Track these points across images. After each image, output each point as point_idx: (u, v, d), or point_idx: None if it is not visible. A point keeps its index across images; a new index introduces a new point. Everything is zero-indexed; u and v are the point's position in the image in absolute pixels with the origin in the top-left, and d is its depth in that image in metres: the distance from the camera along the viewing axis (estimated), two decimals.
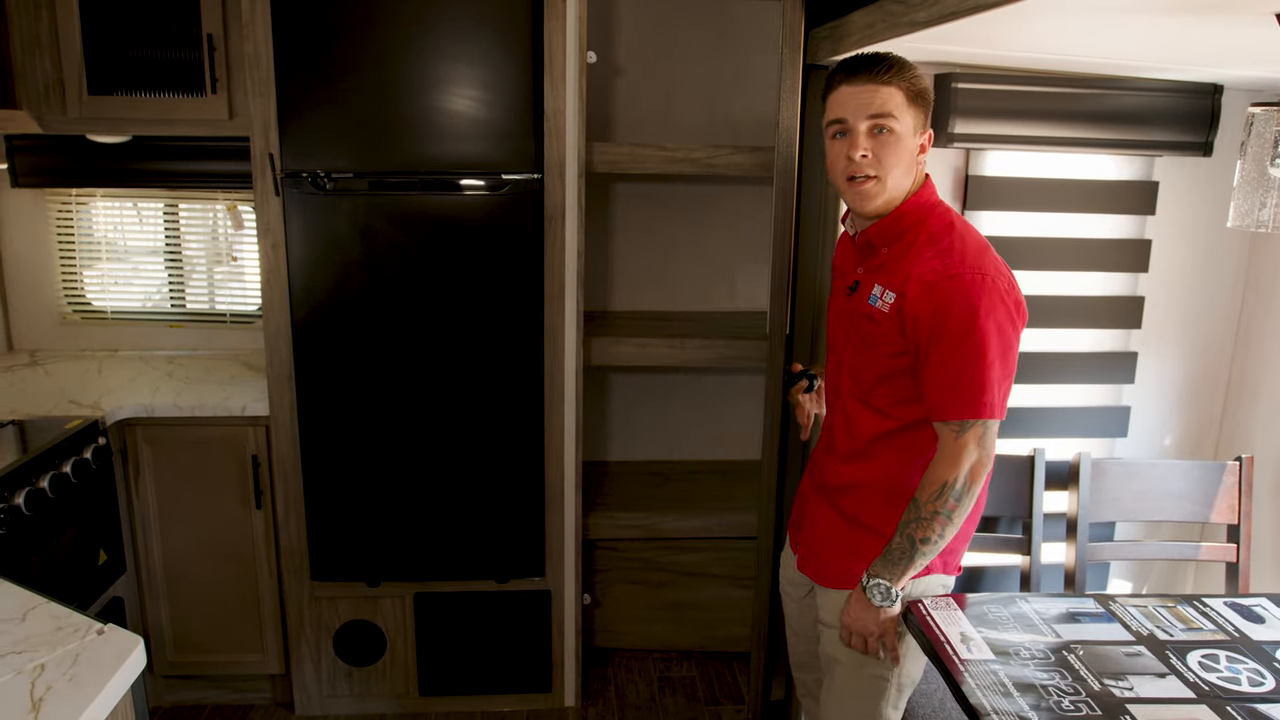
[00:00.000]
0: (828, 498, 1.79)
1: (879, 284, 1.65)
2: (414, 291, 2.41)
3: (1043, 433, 2.40)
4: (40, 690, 1.23)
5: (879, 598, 1.65)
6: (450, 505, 2.55)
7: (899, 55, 1.63)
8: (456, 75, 2.31)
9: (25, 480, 2.06)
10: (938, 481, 1.58)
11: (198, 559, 2.61)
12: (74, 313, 3.12)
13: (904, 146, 1.61)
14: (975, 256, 1.57)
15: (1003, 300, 1.55)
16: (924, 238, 1.62)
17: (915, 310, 1.57)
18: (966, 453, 1.56)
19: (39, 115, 2.51)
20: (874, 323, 1.65)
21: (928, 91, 1.63)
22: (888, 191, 1.63)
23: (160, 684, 2.74)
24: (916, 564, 1.62)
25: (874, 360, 1.66)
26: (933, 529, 1.58)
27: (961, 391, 1.54)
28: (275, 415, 2.49)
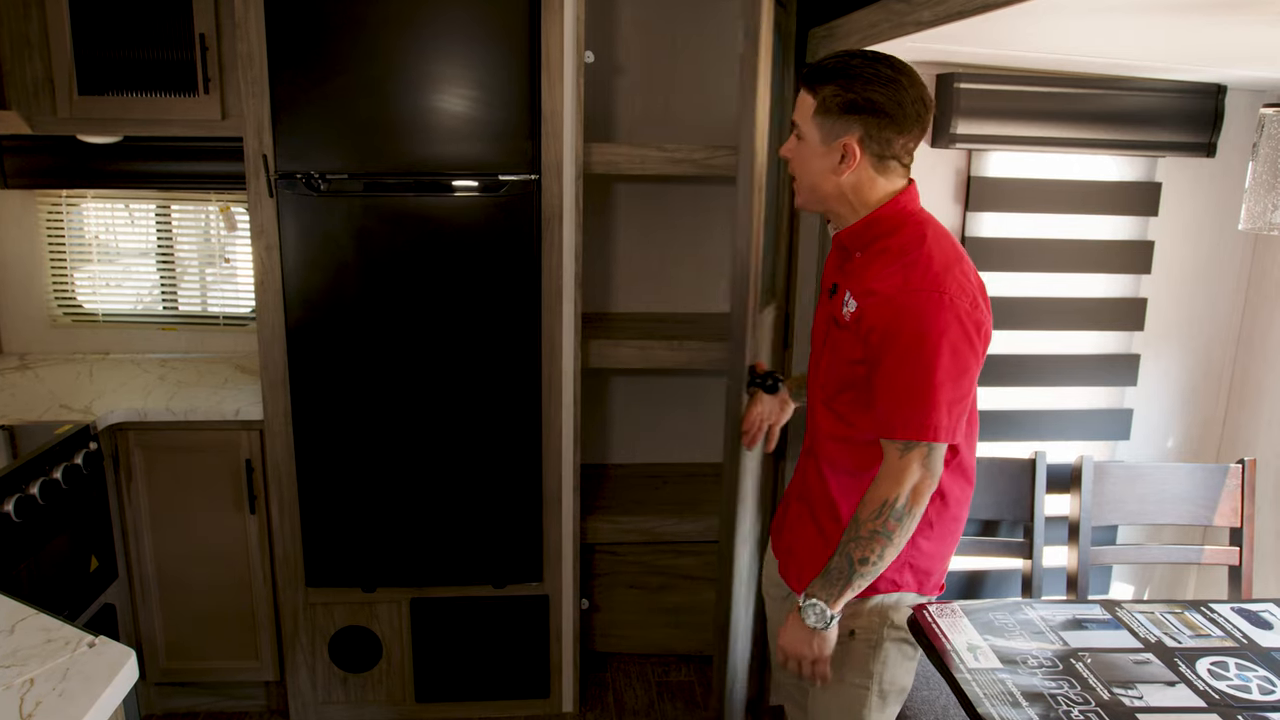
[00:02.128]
0: (806, 503, 1.76)
1: (849, 289, 1.61)
2: (410, 294, 2.38)
3: (1044, 435, 2.38)
4: (30, 706, 1.20)
5: (813, 619, 1.58)
6: (447, 509, 2.52)
7: (839, 63, 1.54)
8: (453, 75, 2.28)
9: (15, 487, 2.02)
10: (879, 500, 1.53)
11: (191, 565, 2.58)
12: (64, 315, 3.08)
13: (810, 154, 1.59)
14: (939, 273, 1.51)
15: (960, 321, 1.48)
16: (895, 248, 1.57)
17: (871, 322, 1.53)
18: (909, 473, 1.51)
19: (29, 115, 2.48)
20: (840, 328, 1.62)
21: (850, 103, 1.52)
22: (804, 195, 1.65)
23: (153, 691, 2.71)
24: (855, 585, 1.56)
25: (838, 366, 1.63)
26: (872, 549, 1.53)
27: (908, 411, 1.49)
28: (269, 419, 2.46)
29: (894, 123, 1.52)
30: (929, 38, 1.74)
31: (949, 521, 1.68)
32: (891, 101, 1.51)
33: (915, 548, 1.63)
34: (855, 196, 1.59)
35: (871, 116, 1.52)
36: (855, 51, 1.57)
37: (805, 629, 1.59)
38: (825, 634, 1.59)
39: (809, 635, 1.59)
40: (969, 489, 1.70)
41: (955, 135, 2.16)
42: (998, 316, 2.29)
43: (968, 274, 1.55)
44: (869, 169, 1.57)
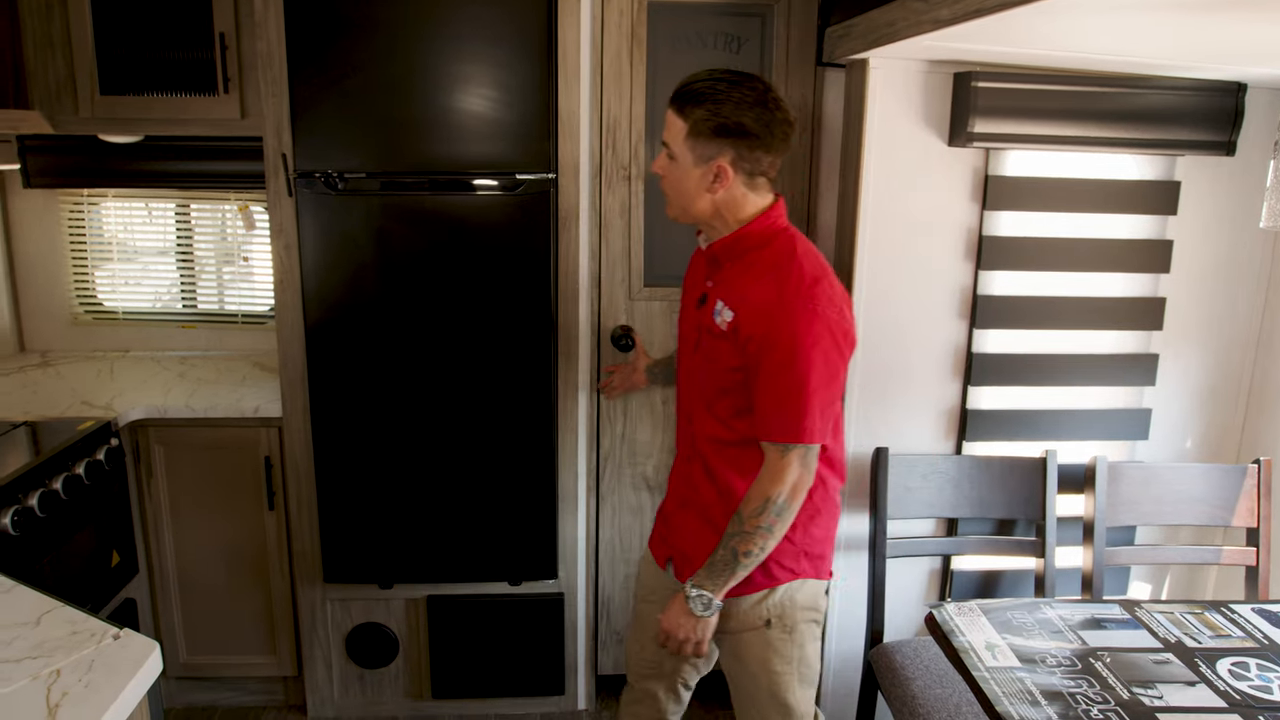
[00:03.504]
0: (695, 508, 1.82)
1: (721, 299, 1.70)
2: (427, 292, 2.39)
3: (1061, 435, 2.38)
4: (56, 696, 1.22)
5: (700, 608, 1.68)
6: (463, 507, 2.53)
7: (707, 87, 1.61)
8: (470, 75, 2.29)
9: (38, 482, 2.05)
10: (761, 497, 1.63)
11: (210, 561, 2.60)
12: (85, 313, 3.11)
13: (683, 174, 1.66)
14: (810, 285, 1.61)
15: (830, 331, 1.60)
16: (766, 261, 1.67)
17: (749, 331, 1.62)
18: (789, 471, 1.62)
19: (51, 115, 2.50)
20: (715, 337, 1.70)
21: (720, 126, 1.60)
22: (676, 211, 1.73)
23: (173, 685, 2.74)
24: (738, 575, 1.67)
25: (715, 373, 1.71)
26: (754, 542, 1.64)
27: (785, 415, 1.60)
28: (288, 417, 2.48)
29: (762, 143, 1.62)
30: (946, 36, 1.74)
31: (832, 507, 1.82)
32: (760, 124, 1.60)
33: (808, 535, 1.76)
34: (728, 212, 1.69)
35: (741, 139, 1.61)
36: (721, 73, 1.63)
37: (690, 615, 1.69)
38: (709, 619, 1.70)
39: (694, 621, 1.70)
40: (842, 475, 1.84)
41: (972, 134, 2.15)
42: (1014, 315, 2.31)
43: (834, 285, 1.66)
44: (740, 186, 1.66)
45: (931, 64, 2.19)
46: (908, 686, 2.08)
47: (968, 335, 2.35)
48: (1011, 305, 2.32)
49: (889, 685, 2.15)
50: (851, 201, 2.32)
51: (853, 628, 2.50)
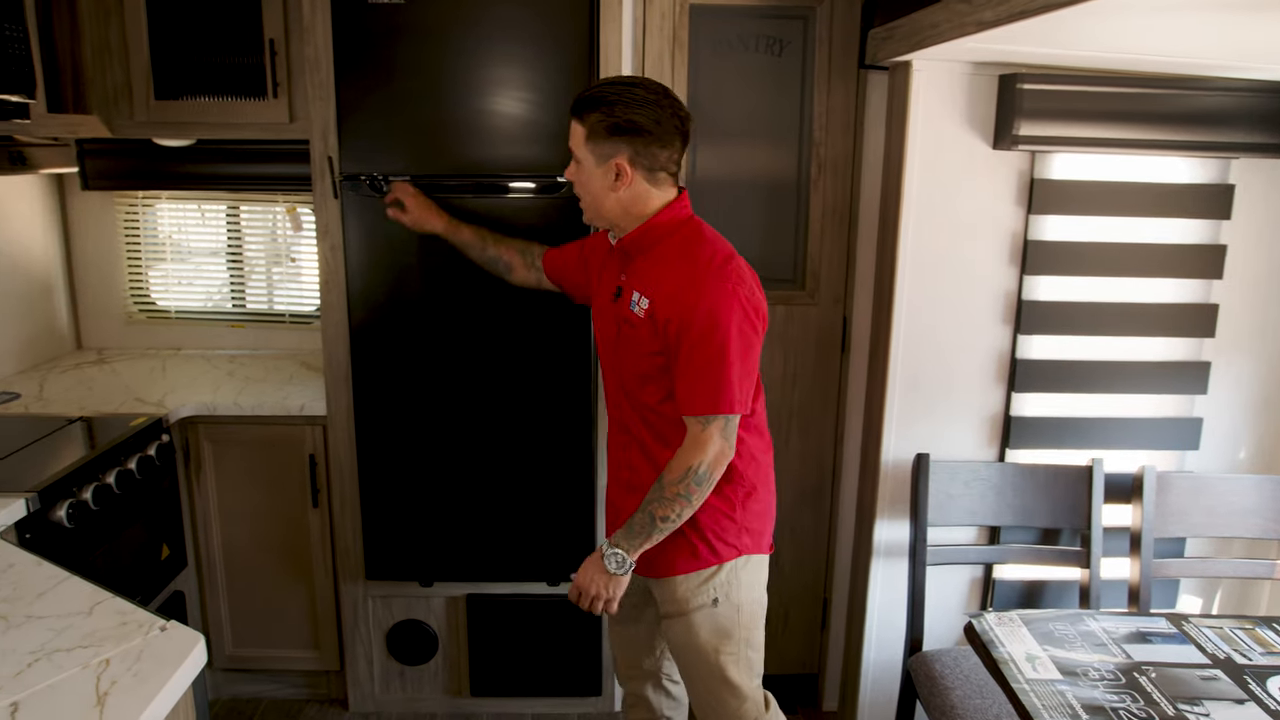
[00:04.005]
0: (639, 492, 1.86)
1: (636, 290, 1.77)
2: (469, 294, 2.42)
3: (1107, 444, 2.33)
4: (105, 685, 1.25)
5: (614, 565, 1.76)
6: (502, 507, 2.55)
7: (598, 93, 1.72)
8: (512, 78, 2.31)
9: (93, 476, 2.10)
10: (683, 466, 1.70)
11: (256, 555, 2.66)
12: (140, 312, 3.20)
13: (588, 176, 1.77)
14: (721, 265, 1.71)
15: (743, 306, 1.68)
16: (675, 250, 1.76)
17: (666, 314, 1.69)
18: (711, 443, 1.70)
19: (108, 120, 2.58)
20: (633, 326, 1.77)
21: (623, 124, 1.70)
22: (590, 212, 1.82)
23: (219, 677, 2.80)
24: (653, 539, 1.75)
25: (635, 361, 1.79)
26: (672, 508, 1.72)
27: (707, 389, 1.68)
28: (332, 415, 2.52)
29: (656, 139, 1.71)
30: (990, 38, 1.72)
31: (767, 480, 1.88)
32: (650, 120, 1.70)
33: (747, 512, 1.83)
34: (634, 209, 1.77)
35: (636, 136, 1.71)
36: (612, 80, 1.76)
37: (604, 571, 1.77)
38: (621, 578, 1.78)
39: (606, 578, 1.78)
40: (770, 448, 1.91)
41: (1017, 137, 2.12)
42: (1060, 321, 2.28)
43: (742, 265, 1.75)
44: (642, 183, 1.75)
45: (976, 66, 2.16)
46: (947, 696, 2.06)
47: (1011, 341, 2.31)
48: (1057, 311, 2.28)
49: (928, 694, 2.12)
50: (893, 205, 2.30)
51: (892, 635, 2.47)
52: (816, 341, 2.59)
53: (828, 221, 2.51)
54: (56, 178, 3.04)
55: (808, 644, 2.80)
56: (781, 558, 2.72)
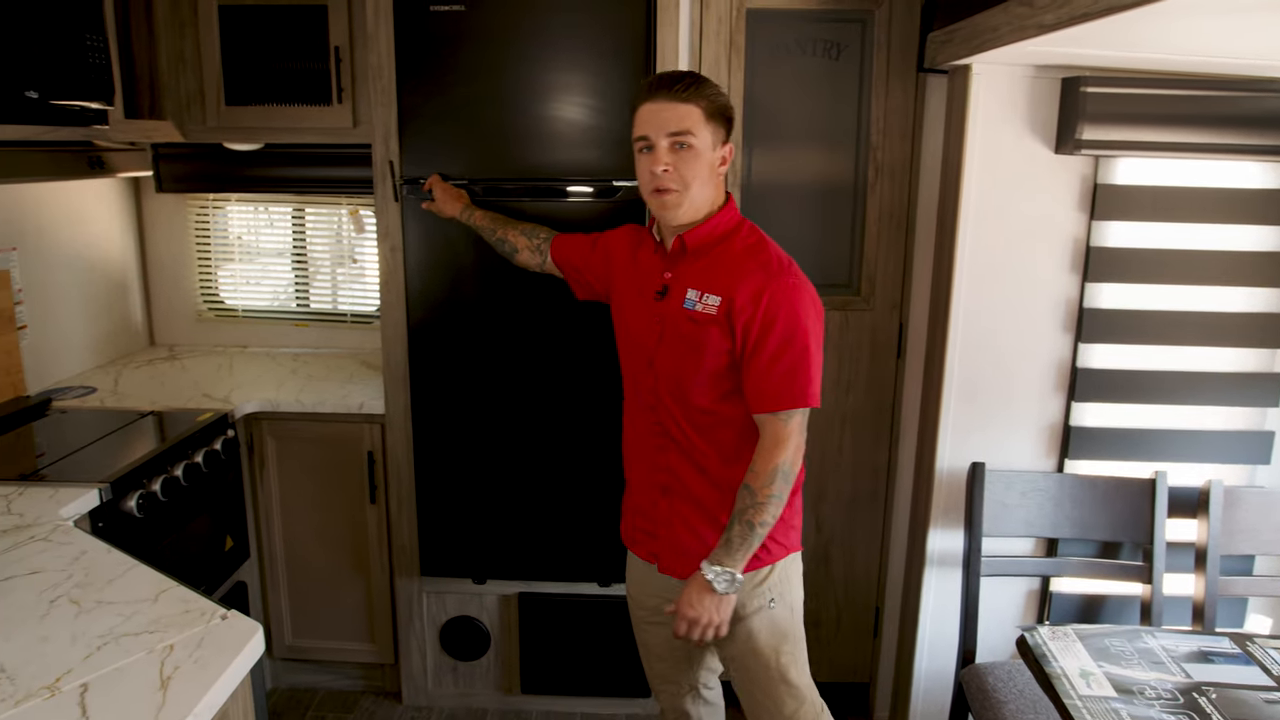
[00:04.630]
0: (686, 499, 1.84)
1: (695, 288, 1.74)
2: (525, 296, 2.45)
3: (1171, 456, 2.27)
4: (169, 670, 1.30)
5: (724, 585, 1.69)
6: (555, 507, 2.57)
7: (698, 73, 1.74)
8: (569, 83, 2.34)
9: (162, 468, 2.18)
10: (770, 467, 1.68)
11: (316, 549, 2.73)
12: (209, 310, 3.30)
13: (703, 161, 1.71)
14: (789, 266, 1.72)
15: (814, 301, 1.72)
16: (739, 248, 1.75)
17: (747, 313, 1.68)
18: (793, 438, 1.69)
19: (181, 125, 2.67)
20: (698, 324, 1.74)
21: (727, 108, 1.73)
22: (689, 202, 1.73)
23: (279, 666, 2.87)
24: (754, 547, 1.71)
25: (696, 360, 1.75)
26: (768, 511, 1.69)
27: (792, 383, 1.67)
28: (390, 414, 2.57)
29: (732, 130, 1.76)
30: (1052, 41, 1.69)
31: (801, 477, 1.84)
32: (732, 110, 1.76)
33: (792, 508, 1.81)
34: (712, 200, 1.77)
35: (731, 123, 1.76)
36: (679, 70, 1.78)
37: (713, 595, 1.70)
38: (730, 597, 1.72)
39: (717, 600, 1.71)
40: None
41: (1081, 141, 2.08)
42: (1124, 329, 2.24)
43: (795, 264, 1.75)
44: (723, 174, 1.77)
45: (1037, 69, 2.13)
46: (999, 710, 2.02)
47: (1072, 349, 2.26)
48: (1121, 319, 2.23)
49: (980, 708, 2.09)
50: (951, 210, 2.27)
51: (944, 646, 2.44)
52: (871, 347, 2.57)
53: (884, 226, 2.49)
54: (133, 181, 3.17)
55: (859, 652, 2.77)
56: (833, 564, 2.70)
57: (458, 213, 2.30)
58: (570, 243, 2.13)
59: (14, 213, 2.61)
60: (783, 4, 2.37)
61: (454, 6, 2.30)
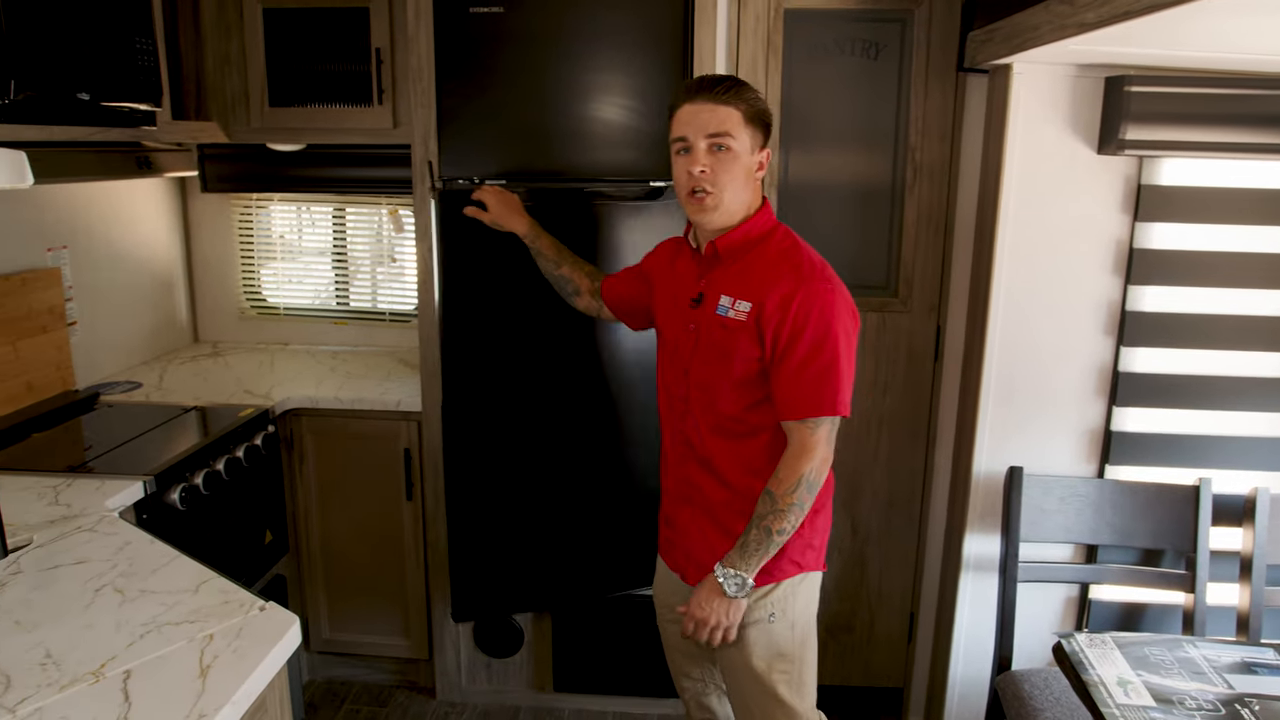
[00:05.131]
0: (704, 510, 1.82)
1: (728, 294, 1.72)
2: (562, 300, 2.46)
3: (1216, 463, 2.22)
4: (208, 659, 1.33)
5: (734, 589, 1.69)
6: (588, 510, 2.57)
7: (739, 77, 1.72)
8: (606, 84, 2.35)
9: (204, 462, 2.23)
10: (794, 475, 1.65)
11: (353, 544, 2.77)
12: (251, 308, 3.36)
13: (740, 164, 1.69)
14: (822, 270, 1.68)
15: (848, 308, 1.67)
16: (773, 253, 1.72)
17: (777, 319, 1.65)
18: (820, 447, 1.66)
19: (226, 126, 2.73)
20: (729, 331, 1.71)
21: (766, 113, 1.71)
22: (725, 205, 1.70)
23: (315, 659, 2.92)
24: (769, 553, 1.68)
25: (731, 366, 1.72)
26: (787, 519, 1.66)
27: (820, 390, 1.64)
28: (427, 411, 2.60)
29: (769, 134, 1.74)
30: (1095, 39, 1.67)
31: (829, 496, 1.82)
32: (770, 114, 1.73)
33: (813, 528, 1.77)
34: (750, 206, 1.74)
35: (769, 129, 1.73)
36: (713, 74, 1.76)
37: (723, 598, 1.69)
38: (740, 601, 1.71)
39: (727, 604, 1.70)
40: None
41: (1124, 141, 2.05)
42: (1168, 333, 2.19)
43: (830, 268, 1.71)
44: (760, 179, 1.75)
45: (1080, 68, 2.09)
46: (1035, 718, 1.99)
47: (1114, 353, 2.23)
48: (1165, 322, 2.19)
49: (1015, 715, 2.06)
50: (991, 211, 2.24)
51: (980, 652, 2.41)
52: (908, 349, 2.55)
53: (922, 228, 2.46)
54: (179, 181, 3.23)
55: (893, 657, 2.75)
56: (868, 568, 2.68)
57: (522, 230, 2.18)
58: (618, 283, 2.09)
59: (65, 212, 2.68)
60: (821, 4, 2.36)
61: (493, 8, 2.32)
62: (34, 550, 1.66)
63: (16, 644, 1.36)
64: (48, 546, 1.68)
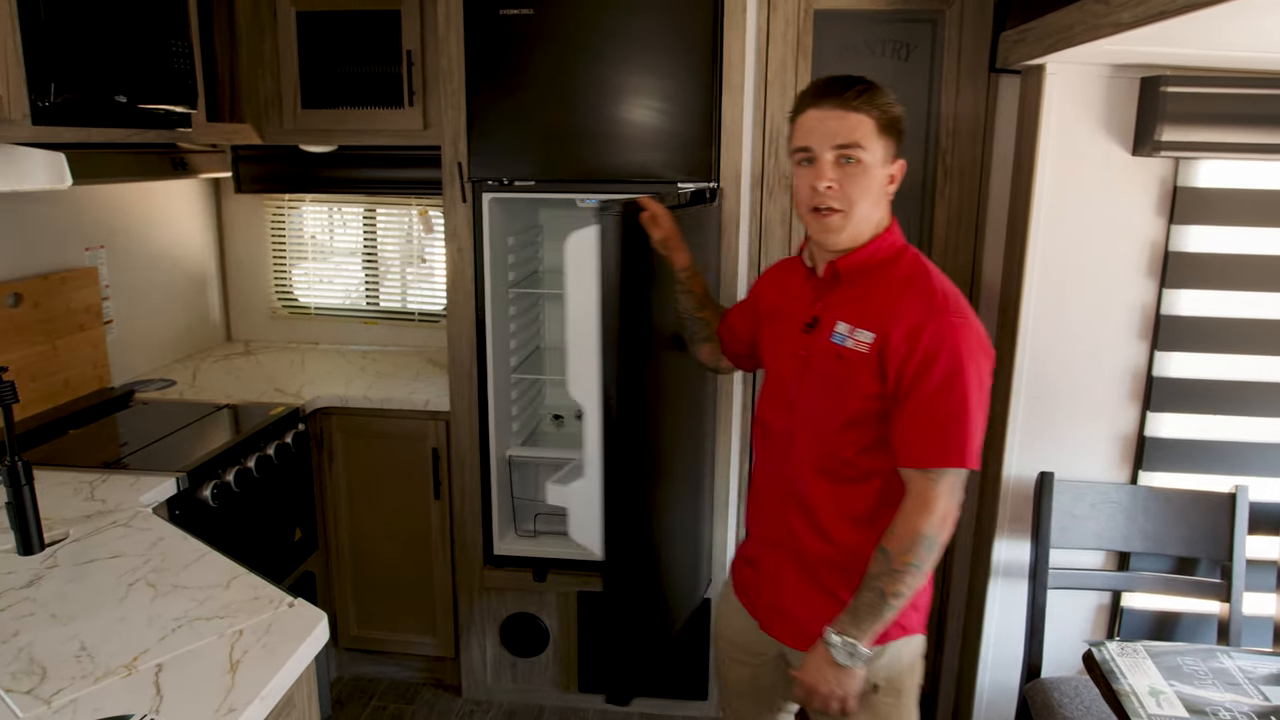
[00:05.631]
0: (795, 557, 1.65)
1: (846, 321, 1.55)
2: None
3: (1253, 470, 2.18)
4: (238, 654, 1.35)
5: (845, 657, 1.51)
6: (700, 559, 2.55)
7: (871, 79, 1.52)
8: (635, 85, 2.35)
9: (235, 460, 2.26)
10: (911, 532, 1.47)
11: (381, 542, 2.79)
12: (283, 308, 3.40)
13: (872, 178, 1.52)
14: (955, 300, 1.50)
15: (982, 346, 1.49)
16: (899, 278, 1.55)
17: (900, 352, 1.48)
18: (941, 502, 1.47)
19: (259, 127, 2.76)
20: (845, 362, 1.54)
21: (901, 120, 1.53)
22: (853, 225, 1.54)
23: (344, 656, 2.94)
24: (885, 619, 1.50)
25: (843, 402, 1.55)
26: (904, 582, 1.47)
27: (945, 438, 1.46)
28: (455, 411, 2.62)
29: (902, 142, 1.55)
30: (1130, 40, 1.64)
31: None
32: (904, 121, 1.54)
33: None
34: (879, 225, 1.57)
35: (903, 136, 1.54)
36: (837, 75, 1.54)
37: (834, 666, 1.52)
38: (855, 670, 1.52)
39: (839, 673, 1.52)
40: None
41: (1160, 142, 2.01)
42: (1204, 337, 2.16)
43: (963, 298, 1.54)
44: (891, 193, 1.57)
45: (1115, 68, 2.07)
46: None
47: (1148, 357, 2.19)
48: (1201, 326, 2.15)
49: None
50: (1022, 213, 2.22)
51: (1008, 660, 2.38)
52: None
53: (952, 229, 2.44)
54: (214, 182, 3.28)
55: None
56: None
57: (684, 262, 1.88)
58: (730, 313, 1.91)
59: (103, 213, 2.73)
60: (851, 4, 2.34)
61: (522, 10, 2.33)
62: (70, 545, 1.69)
63: (53, 636, 1.39)
64: (83, 541, 1.71)
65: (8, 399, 1.55)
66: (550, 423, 3.03)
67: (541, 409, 3.07)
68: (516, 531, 2.76)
